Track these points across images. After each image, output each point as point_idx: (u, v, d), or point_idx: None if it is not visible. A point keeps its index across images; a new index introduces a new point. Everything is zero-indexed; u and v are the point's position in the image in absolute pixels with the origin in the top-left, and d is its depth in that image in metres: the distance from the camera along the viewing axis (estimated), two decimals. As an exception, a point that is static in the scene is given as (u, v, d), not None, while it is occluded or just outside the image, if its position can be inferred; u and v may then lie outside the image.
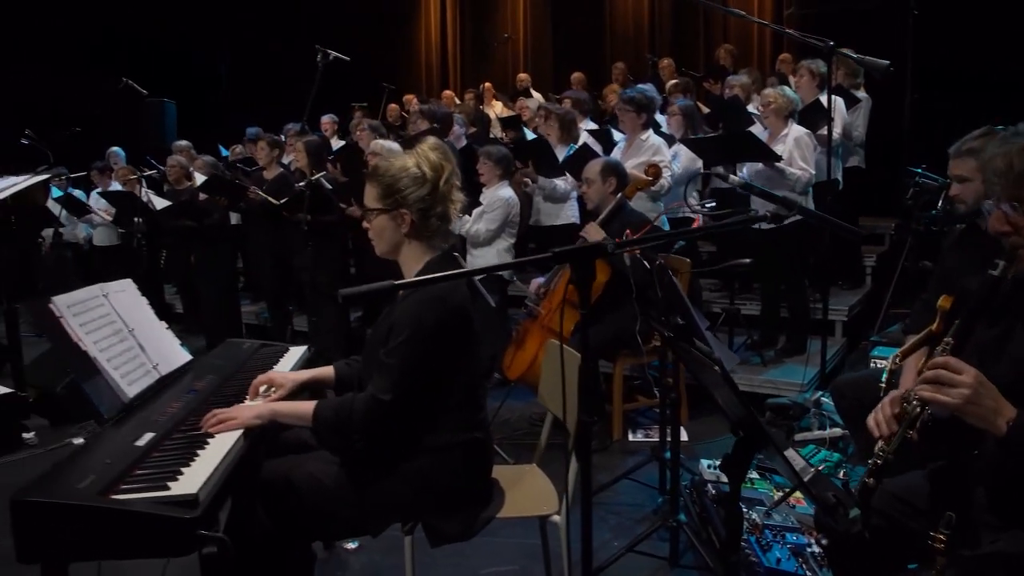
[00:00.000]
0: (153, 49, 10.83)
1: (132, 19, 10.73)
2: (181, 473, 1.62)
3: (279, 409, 2.00)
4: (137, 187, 6.32)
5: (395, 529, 2.14)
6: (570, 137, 5.41)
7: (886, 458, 1.59)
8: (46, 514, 1.45)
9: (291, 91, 10.81)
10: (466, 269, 2.21)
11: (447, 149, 2.14)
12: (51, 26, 10.02)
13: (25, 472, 3.98)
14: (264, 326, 6.55)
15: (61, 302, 1.95)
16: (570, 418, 2.24)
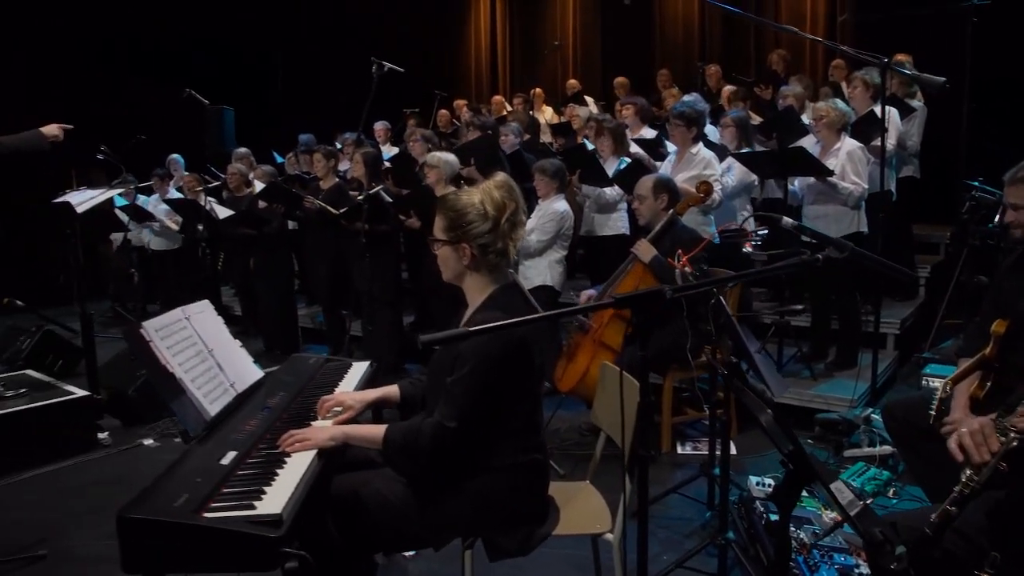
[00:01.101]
0: (211, 57, 11.15)
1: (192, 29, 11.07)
2: (264, 493, 1.74)
3: (351, 432, 2.12)
4: (201, 196, 6.57)
5: (454, 541, 2.25)
6: (622, 149, 5.46)
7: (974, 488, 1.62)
8: (148, 530, 1.59)
9: (343, 97, 11.07)
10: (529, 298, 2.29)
11: (513, 186, 2.23)
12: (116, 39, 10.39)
13: (101, 471, 4.22)
14: (319, 330, 6.76)
15: (150, 326, 2.10)
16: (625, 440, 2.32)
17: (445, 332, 1.62)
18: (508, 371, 2.04)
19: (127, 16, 10.33)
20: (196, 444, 2.01)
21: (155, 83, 10.29)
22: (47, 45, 9.53)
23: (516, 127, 6.44)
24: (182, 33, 11.01)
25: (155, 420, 4.82)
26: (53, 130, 4.19)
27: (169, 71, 10.57)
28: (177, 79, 9.70)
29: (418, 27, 11.86)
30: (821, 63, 8.76)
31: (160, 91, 9.76)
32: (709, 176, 4.69)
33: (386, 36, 11.55)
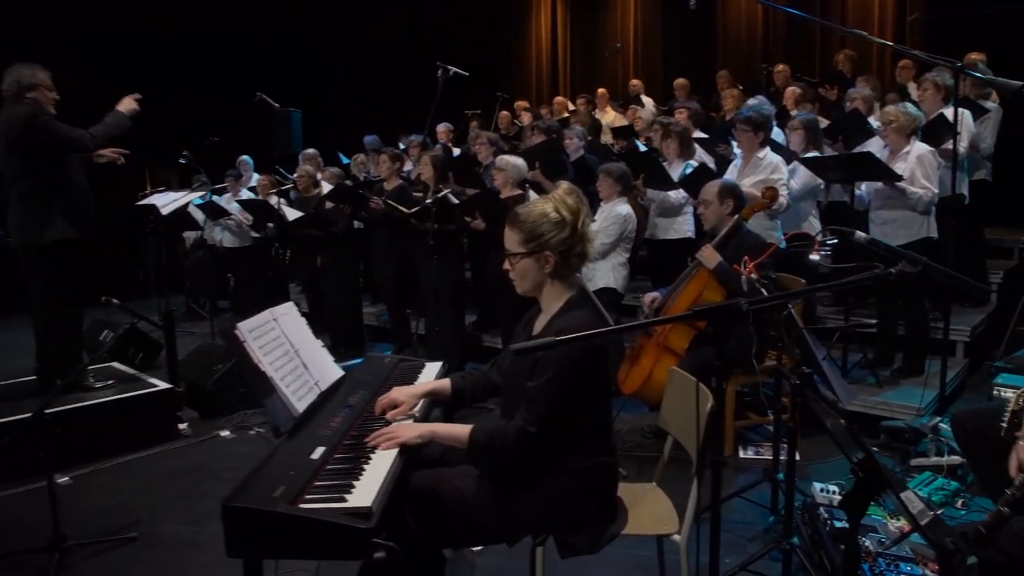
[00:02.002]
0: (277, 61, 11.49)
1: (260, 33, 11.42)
2: (353, 487, 1.86)
3: (438, 431, 2.23)
4: (271, 196, 6.81)
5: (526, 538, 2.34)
6: (688, 153, 5.47)
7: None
8: (249, 518, 1.72)
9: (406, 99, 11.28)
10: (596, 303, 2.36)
11: (580, 192, 2.31)
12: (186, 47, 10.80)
13: (181, 460, 4.43)
14: (383, 328, 6.94)
15: (244, 328, 2.23)
16: (693, 445, 2.37)
17: (537, 341, 1.70)
18: (586, 377, 2.11)
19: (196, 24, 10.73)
20: (286, 439, 2.14)
21: (225, 87, 10.68)
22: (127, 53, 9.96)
23: (580, 130, 6.49)
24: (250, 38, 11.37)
25: (231, 413, 5.04)
26: (129, 104, 4.45)
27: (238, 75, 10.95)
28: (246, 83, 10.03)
29: (480, 29, 12.00)
30: (889, 63, 8.59)
31: (230, 95, 10.12)
32: (776, 181, 4.68)
33: (448, 38, 11.73)
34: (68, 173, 4.33)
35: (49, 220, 4.26)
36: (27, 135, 4.16)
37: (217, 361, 5.17)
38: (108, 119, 4.41)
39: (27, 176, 4.24)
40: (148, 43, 10.44)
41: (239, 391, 5.09)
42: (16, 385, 4.84)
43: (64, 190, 4.31)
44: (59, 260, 4.33)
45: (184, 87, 10.49)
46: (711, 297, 3.95)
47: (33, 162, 4.22)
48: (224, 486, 3.99)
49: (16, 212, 4.30)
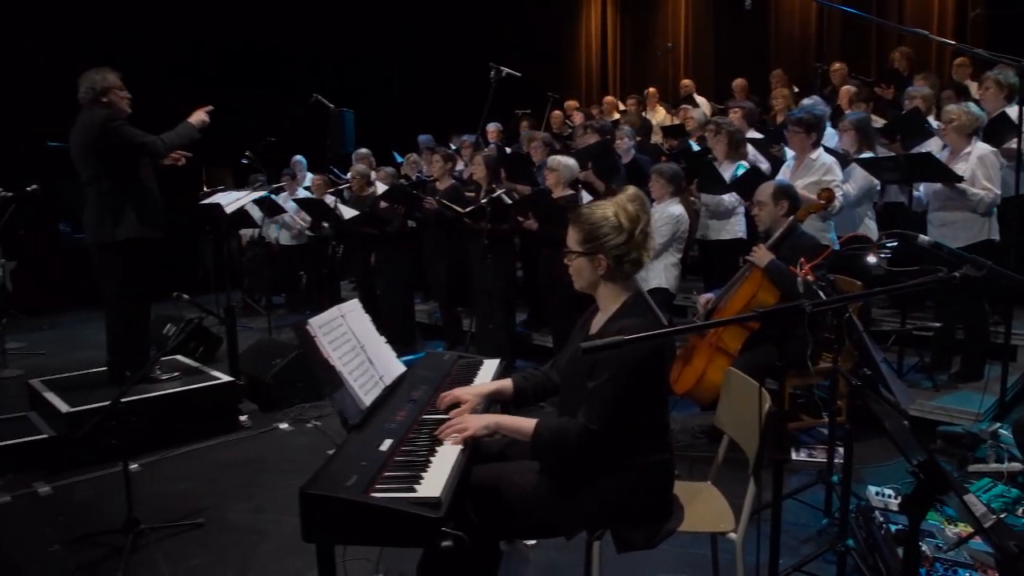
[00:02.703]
0: (330, 61, 11.70)
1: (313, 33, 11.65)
2: (422, 478, 1.94)
3: (503, 422, 2.29)
4: (326, 195, 6.96)
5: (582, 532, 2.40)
6: (738, 154, 5.43)
7: None
8: (325, 505, 1.80)
9: (455, 98, 11.40)
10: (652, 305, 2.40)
11: (644, 200, 2.34)
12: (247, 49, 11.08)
13: (242, 450, 4.58)
14: (434, 325, 7.05)
15: (315, 323, 2.33)
16: (750, 445, 2.40)
17: (605, 340, 1.74)
18: (644, 376, 2.16)
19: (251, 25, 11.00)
20: (355, 432, 2.23)
21: (278, 87, 10.92)
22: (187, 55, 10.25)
23: (630, 130, 6.51)
24: (303, 38, 11.59)
25: (288, 406, 5.18)
26: (201, 116, 4.64)
27: (291, 75, 11.19)
28: (299, 83, 10.26)
29: (530, 28, 12.05)
30: (948, 60, 8.40)
31: (283, 95, 10.34)
32: (830, 182, 4.64)
33: (498, 38, 11.80)
34: (140, 175, 4.53)
35: (122, 220, 4.45)
36: (103, 139, 4.35)
37: (275, 356, 5.32)
38: (180, 129, 4.61)
39: (102, 178, 4.44)
40: (208, 45, 10.72)
41: (296, 385, 5.25)
42: (88, 376, 5.05)
43: (136, 191, 4.50)
44: (131, 258, 4.51)
45: (239, 87, 10.74)
46: (765, 298, 3.95)
47: (108, 165, 4.42)
48: (284, 477, 4.13)
49: (92, 212, 4.50)
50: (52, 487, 4.05)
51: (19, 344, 7.23)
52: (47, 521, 3.68)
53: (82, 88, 4.44)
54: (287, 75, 11.30)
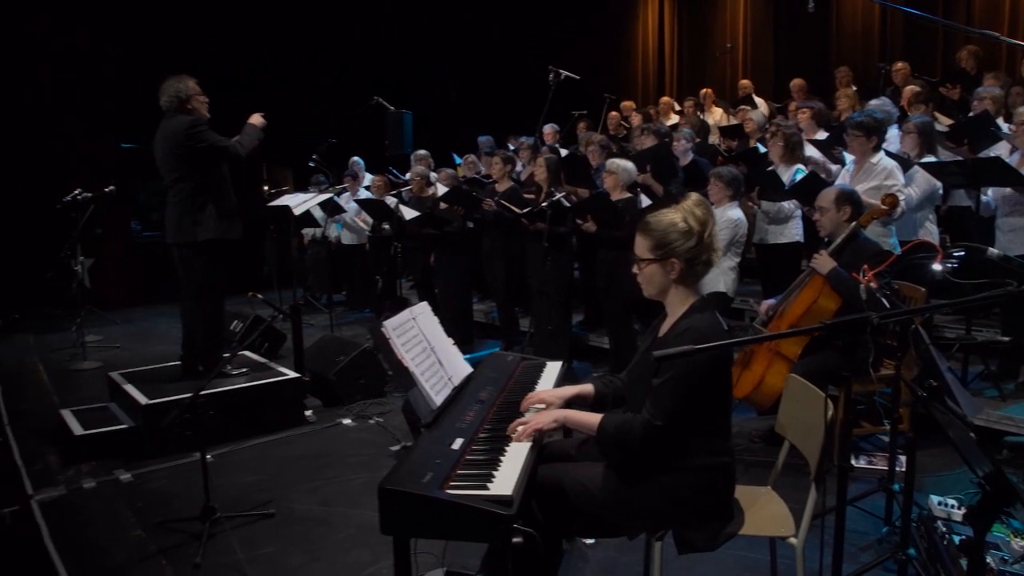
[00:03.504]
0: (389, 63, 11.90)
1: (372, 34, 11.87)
2: (493, 476, 2.03)
3: (570, 416, 2.39)
4: (386, 196, 7.12)
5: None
6: (793, 158, 5.36)
7: None
8: (403, 500, 1.90)
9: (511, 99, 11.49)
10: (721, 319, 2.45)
11: (708, 205, 2.41)
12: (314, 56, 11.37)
13: (308, 444, 4.75)
14: (491, 324, 7.15)
15: (389, 326, 2.44)
16: (812, 452, 2.43)
17: (676, 349, 1.80)
18: (709, 378, 2.22)
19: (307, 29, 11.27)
20: (427, 430, 2.33)
21: (339, 89, 11.17)
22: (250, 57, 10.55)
23: (688, 132, 6.51)
24: (363, 39, 11.82)
25: (350, 402, 5.34)
26: (259, 119, 4.85)
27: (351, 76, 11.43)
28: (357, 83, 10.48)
29: (587, 30, 12.07)
30: (1020, 59, 8.16)
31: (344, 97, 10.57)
32: (891, 187, 4.59)
33: (555, 39, 11.86)
34: (219, 178, 4.73)
35: (203, 221, 4.65)
36: (187, 143, 4.56)
37: (339, 353, 5.48)
38: (247, 130, 4.83)
39: (185, 181, 4.65)
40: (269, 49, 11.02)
41: (359, 382, 5.41)
42: (163, 370, 5.27)
43: (216, 194, 4.70)
44: (210, 258, 4.72)
45: (300, 89, 11.02)
46: (826, 304, 3.95)
47: (190, 168, 4.63)
48: (349, 471, 4.28)
49: (173, 214, 4.71)
50: (132, 474, 4.27)
51: (96, 337, 7.57)
52: (129, 506, 3.89)
53: (165, 96, 4.66)
54: (346, 77, 11.54)
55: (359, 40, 11.90)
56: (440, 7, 12.23)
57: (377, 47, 12.01)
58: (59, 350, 7.23)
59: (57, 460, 4.49)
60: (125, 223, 10.31)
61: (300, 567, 3.26)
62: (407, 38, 12.26)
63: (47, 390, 6.04)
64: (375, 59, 11.87)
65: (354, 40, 11.86)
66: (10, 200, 9.08)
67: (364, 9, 11.95)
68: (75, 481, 4.18)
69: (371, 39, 12.00)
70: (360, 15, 11.92)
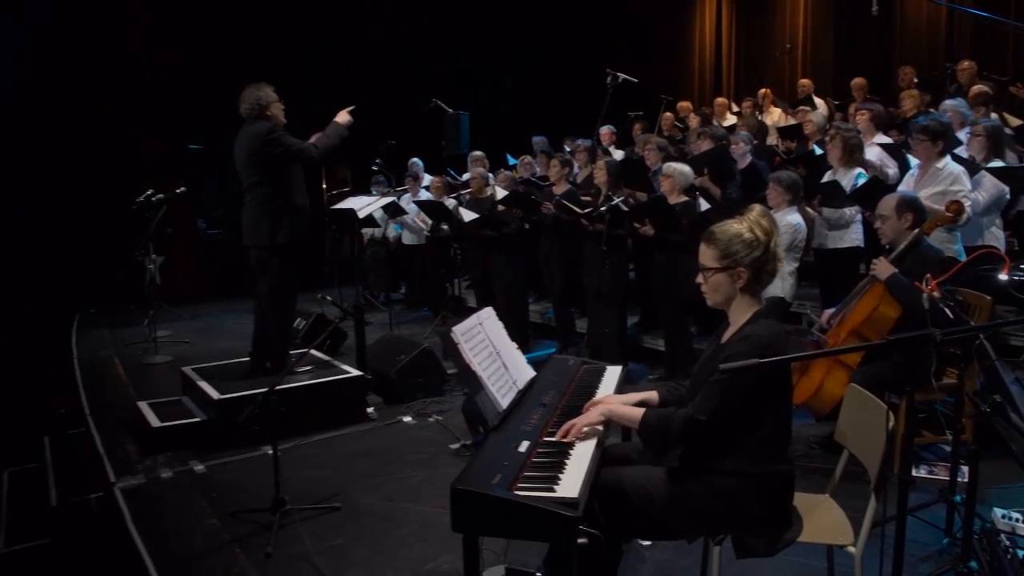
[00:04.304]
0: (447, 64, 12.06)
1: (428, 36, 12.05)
2: (559, 479, 2.11)
3: (615, 410, 2.50)
4: (445, 197, 7.26)
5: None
6: (852, 161, 5.27)
7: None
8: (473, 500, 2.00)
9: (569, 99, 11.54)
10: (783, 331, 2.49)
11: (772, 215, 2.46)
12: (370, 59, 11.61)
13: (369, 441, 4.90)
14: (546, 325, 7.24)
15: (458, 331, 2.54)
16: (872, 461, 2.46)
17: (742, 362, 1.87)
18: (764, 384, 2.27)
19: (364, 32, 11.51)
20: (494, 432, 2.42)
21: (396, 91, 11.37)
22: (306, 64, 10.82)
23: (747, 135, 6.49)
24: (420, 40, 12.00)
25: (411, 400, 5.49)
26: (346, 117, 5.03)
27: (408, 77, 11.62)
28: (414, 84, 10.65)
29: (643, 30, 12.05)
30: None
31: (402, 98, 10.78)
32: (956, 192, 4.53)
33: (611, 40, 11.88)
34: (295, 183, 4.92)
35: (279, 225, 4.84)
36: (266, 148, 4.76)
37: (400, 352, 5.63)
38: (329, 131, 4.99)
39: (262, 185, 4.84)
40: (329, 52, 11.28)
41: (419, 381, 5.55)
42: (233, 366, 5.49)
43: (292, 198, 4.89)
44: (284, 259, 4.92)
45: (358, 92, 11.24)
46: (886, 312, 3.92)
47: (268, 173, 4.82)
48: (410, 467, 4.41)
49: (251, 216, 4.90)
50: (205, 466, 4.48)
51: (166, 332, 7.88)
52: (203, 496, 4.09)
53: (246, 103, 4.86)
54: (403, 78, 11.74)
55: (415, 39, 12.08)
56: (499, 9, 12.33)
57: (433, 47, 12.16)
58: (132, 344, 7.56)
59: (135, 450, 4.73)
60: (192, 222, 10.67)
61: (365, 560, 3.39)
62: (464, 39, 12.38)
63: (123, 383, 6.33)
64: (430, 59, 12.04)
65: (409, 41, 12.05)
66: (87, 201, 9.51)
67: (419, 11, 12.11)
68: (153, 471, 4.41)
69: (427, 38, 12.16)
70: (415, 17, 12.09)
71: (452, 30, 12.33)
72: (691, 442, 2.34)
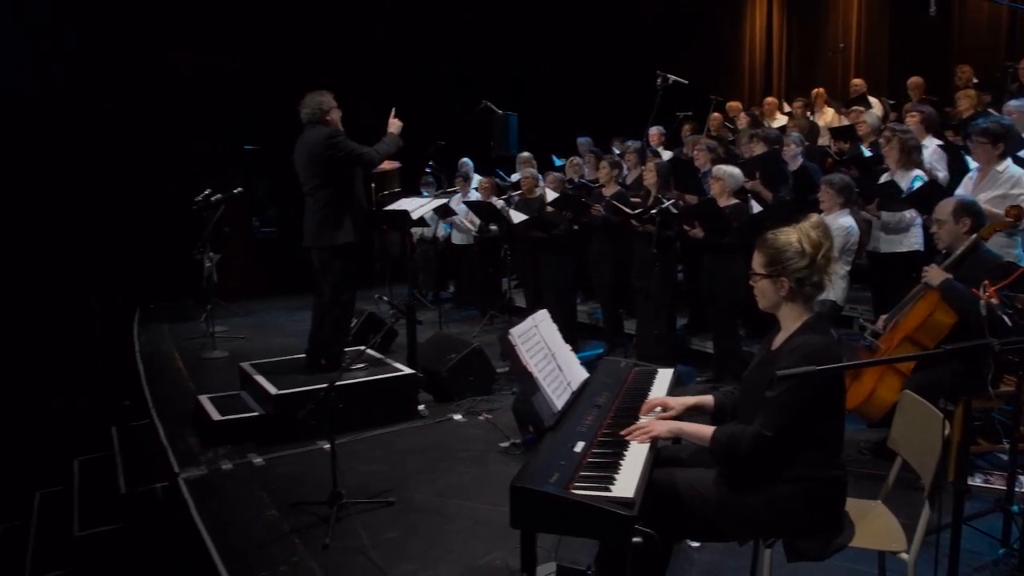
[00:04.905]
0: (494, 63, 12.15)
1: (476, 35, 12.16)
2: (615, 479, 2.18)
3: (685, 428, 2.53)
4: (494, 198, 7.34)
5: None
6: (910, 162, 5.19)
7: None
8: (532, 498, 2.07)
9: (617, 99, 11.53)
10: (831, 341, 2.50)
11: (827, 226, 2.48)
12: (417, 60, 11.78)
13: (421, 437, 5.00)
14: (594, 325, 7.28)
15: (515, 333, 2.62)
16: (925, 469, 2.46)
17: (799, 369, 1.91)
18: (822, 393, 2.30)
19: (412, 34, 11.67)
20: (550, 432, 2.49)
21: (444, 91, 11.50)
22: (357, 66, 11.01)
23: (798, 136, 6.44)
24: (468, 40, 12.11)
25: (461, 398, 5.58)
26: (398, 124, 5.17)
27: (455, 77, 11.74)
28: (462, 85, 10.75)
29: (692, 30, 11.98)
30: None
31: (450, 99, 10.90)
32: (1017, 196, 4.45)
33: (660, 39, 11.84)
34: (355, 186, 5.07)
35: (341, 227, 4.99)
36: (327, 152, 4.90)
37: (450, 351, 5.73)
38: (387, 139, 5.15)
39: (324, 188, 4.99)
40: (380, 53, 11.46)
41: (469, 379, 5.64)
42: (289, 362, 5.64)
43: (352, 201, 5.04)
44: (346, 260, 5.06)
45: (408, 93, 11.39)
46: (942, 319, 3.88)
47: (330, 176, 4.97)
48: (462, 464, 4.51)
49: (313, 218, 5.05)
50: (263, 459, 4.63)
51: (222, 328, 8.12)
52: (263, 488, 4.23)
53: (307, 108, 5.01)
54: (450, 77, 11.87)
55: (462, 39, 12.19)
56: (546, 9, 12.38)
57: (480, 47, 12.26)
58: (190, 339, 7.81)
59: (197, 442, 4.91)
60: (247, 220, 10.96)
61: (420, 554, 3.49)
62: (513, 39, 12.45)
63: (183, 376, 6.55)
64: (477, 59, 12.13)
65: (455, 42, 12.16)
66: (147, 201, 9.84)
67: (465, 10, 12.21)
68: (214, 462, 4.57)
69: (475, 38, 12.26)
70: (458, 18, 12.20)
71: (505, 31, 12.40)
72: (759, 458, 2.36)
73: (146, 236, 9.78)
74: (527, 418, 4.46)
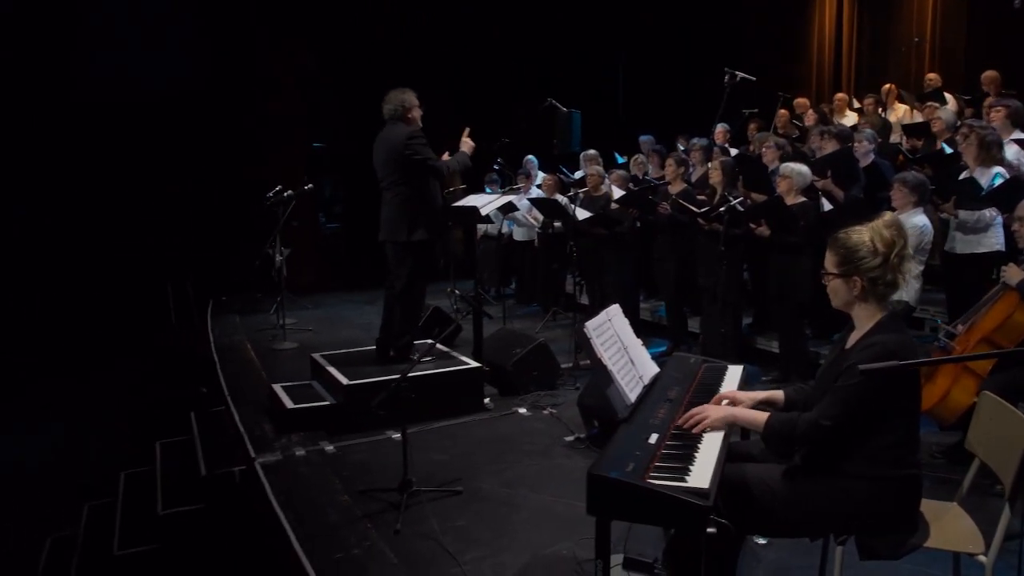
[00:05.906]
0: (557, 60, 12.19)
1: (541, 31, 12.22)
2: (690, 470, 2.21)
3: (739, 415, 2.56)
4: (558, 195, 7.39)
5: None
6: (990, 158, 5.04)
7: None
8: (609, 486, 2.13)
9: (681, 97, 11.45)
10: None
11: (901, 225, 2.47)
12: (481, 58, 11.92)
13: (487, 430, 5.09)
14: (656, 323, 7.27)
15: (590, 326, 2.67)
16: (1005, 471, 2.44)
17: (883, 364, 1.93)
18: (890, 390, 2.30)
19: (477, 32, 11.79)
20: (623, 424, 2.54)
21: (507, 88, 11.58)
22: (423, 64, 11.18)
23: (870, 133, 6.32)
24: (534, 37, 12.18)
25: (525, 392, 5.66)
26: (471, 144, 5.27)
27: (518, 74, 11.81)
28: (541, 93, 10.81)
29: (760, 27, 11.81)
30: None
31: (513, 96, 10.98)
32: (1105, 194, 4.31)
33: (727, 36, 11.70)
34: (430, 184, 5.20)
35: (416, 223, 5.13)
36: (405, 152, 5.04)
37: (515, 346, 5.81)
38: (458, 156, 5.33)
39: (402, 185, 5.14)
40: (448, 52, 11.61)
41: (533, 374, 5.71)
42: (358, 353, 5.80)
43: (427, 199, 5.17)
44: (419, 256, 5.20)
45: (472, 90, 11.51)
46: (1022, 320, 3.80)
47: (407, 174, 5.11)
48: (527, 456, 4.58)
49: (389, 214, 5.20)
50: (335, 446, 4.78)
51: (292, 320, 8.36)
52: (335, 474, 4.38)
53: (390, 105, 5.16)
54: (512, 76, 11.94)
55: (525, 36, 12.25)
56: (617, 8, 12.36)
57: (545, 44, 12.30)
58: (261, 331, 8.06)
59: (271, 429, 5.09)
60: (314, 216, 11.24)
61: (487, 542, 3.57)
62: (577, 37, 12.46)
63: (255, 366, 6.78)
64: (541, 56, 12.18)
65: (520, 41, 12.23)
66: (219, 196, 10.19)
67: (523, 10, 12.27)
68: (288, 449, 4.74)
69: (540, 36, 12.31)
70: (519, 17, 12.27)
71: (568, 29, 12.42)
72: (813, 446, 2.39)
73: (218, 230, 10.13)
74: (596, 412, 4.51)
